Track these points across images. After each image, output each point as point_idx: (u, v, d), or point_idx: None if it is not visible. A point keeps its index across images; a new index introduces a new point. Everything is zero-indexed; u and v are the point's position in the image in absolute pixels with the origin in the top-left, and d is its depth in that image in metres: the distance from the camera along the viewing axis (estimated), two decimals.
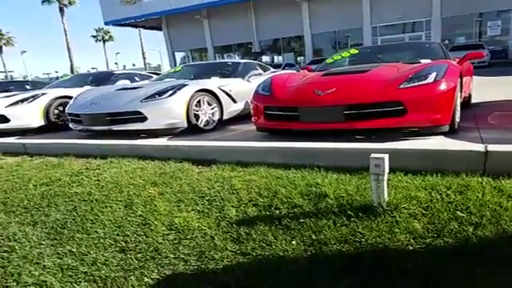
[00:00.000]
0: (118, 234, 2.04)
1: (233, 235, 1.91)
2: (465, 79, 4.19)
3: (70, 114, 5.17)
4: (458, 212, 1.90)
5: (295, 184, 2.50)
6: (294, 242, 1.80)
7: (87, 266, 1.74)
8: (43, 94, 6.06)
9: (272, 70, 7.12)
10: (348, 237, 1.80)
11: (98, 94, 5.16)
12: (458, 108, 3.59)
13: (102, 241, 1.98)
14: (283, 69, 18.42)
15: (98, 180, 3.03)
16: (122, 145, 3.97)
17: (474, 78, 5.48)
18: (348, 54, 5.41)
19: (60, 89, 6.65)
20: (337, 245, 1.74)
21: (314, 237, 1.82)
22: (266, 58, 25.69)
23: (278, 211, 2.15)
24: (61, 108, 5.97)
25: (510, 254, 1.56)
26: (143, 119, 4.47)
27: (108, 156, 3.76)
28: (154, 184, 2.78)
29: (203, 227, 2.02)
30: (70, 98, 5.70)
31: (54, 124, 5.92)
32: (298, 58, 25.41)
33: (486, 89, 6.54)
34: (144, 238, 1.97)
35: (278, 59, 26.46)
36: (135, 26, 31.24)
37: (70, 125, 5.25)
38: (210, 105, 4.94)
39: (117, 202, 2.49)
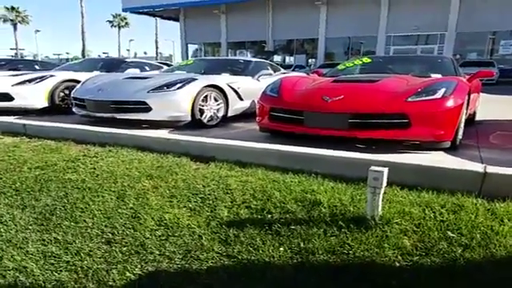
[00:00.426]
0: (106, 225, 2.03)
1: (221, 236, 1.90)
2: (472, 96, 4.14)
3: (75, 99, 5.16)
4: (449, 232, 1.87)
5: (291, 189, 2.48)
6: (281, 249, 1.79)
7: (71, 255, 1.74)
8: (51, 75, 6.04)
9: (283, 70, 7.08)
10: (336, 248, 1.78)
11: (107, 81, 5.15)
12: (462, 125, 3.55)
13: (89, 230, 1.98)
14: (293, 70, 18.42)
15: (94, 168, 3.02)
16: (123, 134, 3.96)
17: (481, 94, 5.43)
18: (360, 62, 5.37)
19: (69, 72, 6.64)
20: (324, 255, 1.73)
21: (302, 245, 1.81)
22: (277, 58, 25.62)
23: (270, 215, 2.13)
24: (67, 91, 5.94)
25: (497, 279, 1.54)
26: (147, 109, 4.47)
27: (107, 144, 3.75)
28: (149, 177, 2.77)
29: (193, 225, 2.01)
30: (78, 81, 5.69)
31: (58, 106, 5.92)
32: (310, 61, 25.32)
33: (491, 107, 6.48)
34: (132, 231, 1.96)
35: (289, 60, 26.39)
36: (153, 14, 31.32)
37: (74, 109, 5.25)
38: (216, 101, 4.93)
39: (109, 193, 2.49)
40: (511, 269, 1.63)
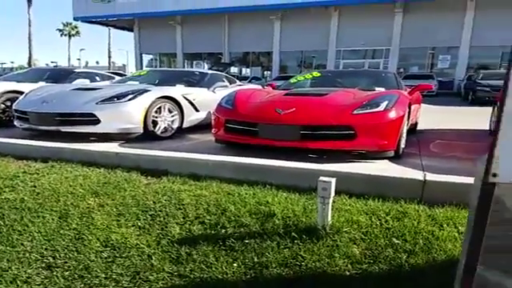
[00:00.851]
0: (46, 249, 1.89)
1: (172, 255, 1.84)
2: (413, 107, 4.45)
3: (16, 111, 4.85)
4: (394, 239, 1.97)
5: (245, 201, 2.48)
6: (235, 265, 1.76)
7: (5, 283, 1.59)
8: None
9: (238, 82, 7.16)
10: (289, 260, 1.79)
11: (52, 93, 4.90)
12: (404, 135, 3.80)
13: (27, 255, 1.82)
14: (250, 81, 18.67)
15: (35, 186, 2.81)
16: (67, 148, 3.74)
17: (423, 105, 5.85)
18: (310, 76, 5.59)
19: (11, 82, 6.25)
20: (277, 268, 1.73)
21: (256, 259, 1.80)
22: (234, 70, 25.83)
23: (224, 230, 2.11)
24: (8, 103, 5.58)
25: (439, 282, 1.63)
26: (96, 122, 4.29)
27: (50, 159, 3.52)
28: (95, 194, 2.63)
29: (142, 245, 1.92)
30: (21, 93, 5.37)
31: None
32: (265, 73, 25.85)
33: (431, 117, 7.00)
34: (75, 254, 1.83)
35: (245, 71, 26.74)
36: (106, 24, 30.31)
37: (15, 122, 4.92)
38: (170, 112, 4.86)
39: (51, 212, 2.32)
40: (451, 272, 1.74)
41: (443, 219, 2.20)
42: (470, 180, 1.37)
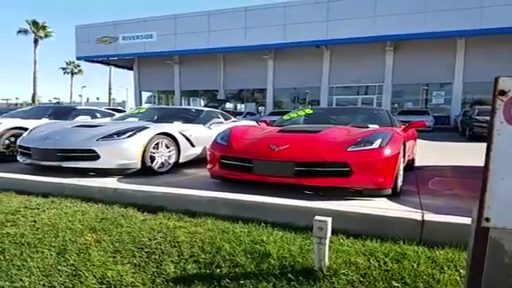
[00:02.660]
0: (44, 285, 1.87)
1: None
2: (408, 144, 4.51)
3: (20, 147, 5.00)
4: (394, 282, 1.94)
5: (240, 240, 2.46)
6: None
7: None
8: None
9: (233, 119, 7.35)
10: None
11: (54, 130, 5.06)
12: (401, 172, 3.82)
13: None
14: (244, 117, 18.97)
15: (35, 221, 2.83)
16: (67, 184, 3.79)
17: (419, 141, 5.92)
18: (304, 113, 5.71)
19: (16, 119, 6.50)
20: None
21: None
22: (229, 105, 26.33)
23: (218, 270, 2.08)
24: (13, 139, 5.80)
25: None
26: (96, 158, 4.40)
27: (50, 195, 3.55)
28: (92, 230, 2.62)
29: (137, 283, 1.90)
30: (25, 129, 5.58)
31: (1, 154, 5.68)
32: (260, 108, 26.35)
33: (428, 153, 7.07)
34: None
35: (240, 107, 27.28)
36: (107, 63, 31.27)
37: (18, 157, 5.06)
38: (167, 148, 4.98)
39: (50, 248, 2.31)
40: None
41: (444, 261, 2.16)
42: (470, 220, 1.38)
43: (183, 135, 5.25)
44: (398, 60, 21.69)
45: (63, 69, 57.26)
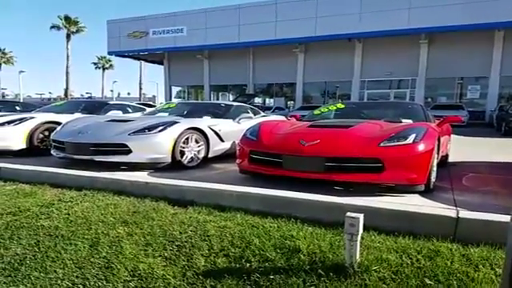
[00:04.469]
0: (77, 276, 1.94)
1: None
2: (442, 139, 4.34)
3: (54, 141, 5.14)
4: (427, 279, 1.88)
5: (270, 235, 2.46)
6: None
7: None
8: (31, 117, 6.02)
9: (262, 114, 7.33)
10: None
11: (87, 124, 5.18)
12: (435, 168, 3.68)
13: (59, 282, 1.87)
14: (273, 111, 18.91)
15: (68, 214, 2.92)
16: (100, 177, 3.89)
17: (453, 136, 5.68)
18: (334, 108, 5.61)
19: (50, 114, 6.63)
20: None
21: None
22: (258, 100, 26.34)
23: (248, 264, 2.09)
24: (46, 133, 5.94)
25: None
26: (127, 152, 4.49)
27: (84, 188, 3.66)
28: (124, 223, 2.70)
29: (168, 276, 1.94)
30: (58, 123, 5.72)
31: (36, 148, 5.84)
32: (289, 103, 26.14)
33: (462, 148, 6.78)
34: (104, 282, 1.87)
35: (269, 102, 27.20)
36: (138, 58, 31.98)
37: (52, 151, 5.20)
38: (197, 142, 5.03)
39: (83, 240, 2.39)
40: None
41: (478, 259, 2.09)
42: (507, 218, 1.31)
43: (212, 130, 5.29)
44: (432, 53, 20.81)
45: (95, 64, 59.04)
